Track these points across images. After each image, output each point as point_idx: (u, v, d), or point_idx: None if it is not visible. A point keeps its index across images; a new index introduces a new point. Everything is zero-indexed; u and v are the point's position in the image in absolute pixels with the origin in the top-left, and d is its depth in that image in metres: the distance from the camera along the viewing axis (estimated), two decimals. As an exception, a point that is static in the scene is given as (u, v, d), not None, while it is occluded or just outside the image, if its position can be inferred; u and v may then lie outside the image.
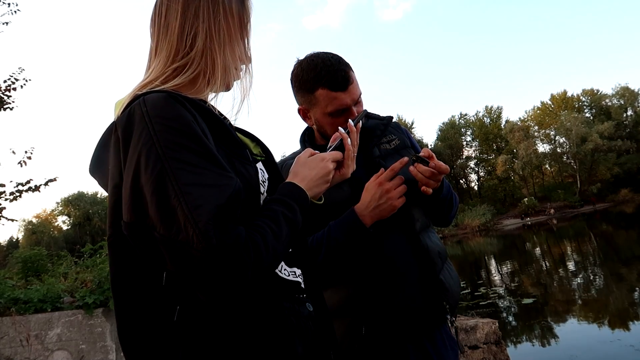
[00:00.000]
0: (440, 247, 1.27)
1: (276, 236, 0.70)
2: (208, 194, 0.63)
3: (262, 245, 0.66)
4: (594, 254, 12.45)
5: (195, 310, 0.68)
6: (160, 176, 0.63)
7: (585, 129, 44.58)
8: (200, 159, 0.66)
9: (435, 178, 1.13)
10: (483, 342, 3.66)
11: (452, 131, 56.03)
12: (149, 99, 0.70)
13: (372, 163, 1.26)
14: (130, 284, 0.71)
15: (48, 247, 22.28)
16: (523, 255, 15.86)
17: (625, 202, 40.29)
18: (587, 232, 20.27)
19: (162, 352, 0.68)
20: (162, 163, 0.64)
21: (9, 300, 4.06)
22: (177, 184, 0.63)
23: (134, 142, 0.67)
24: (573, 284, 8.74)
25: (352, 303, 1.17)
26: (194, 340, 0.67)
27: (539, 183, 53.03)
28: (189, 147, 0.66)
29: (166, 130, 0.67)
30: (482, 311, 7.16)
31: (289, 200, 0.78)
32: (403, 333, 1.17)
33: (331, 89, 1.20)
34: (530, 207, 43.70)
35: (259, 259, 0.65)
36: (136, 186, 0.65)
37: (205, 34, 0.77)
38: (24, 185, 5.96)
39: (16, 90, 6.53)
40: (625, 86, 50.87)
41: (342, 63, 1.23)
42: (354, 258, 1.17)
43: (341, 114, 1.22)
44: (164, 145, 0.65)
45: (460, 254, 21.35)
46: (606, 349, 4.62)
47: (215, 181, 0.66)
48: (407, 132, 1.41)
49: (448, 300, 1.20)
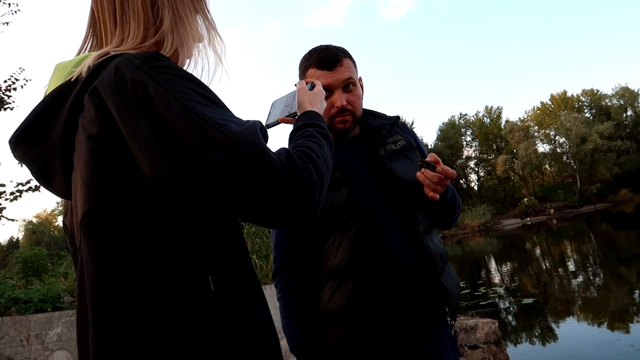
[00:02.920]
0: (442, 250, 1.26)
1: (321, 147, 0.71)
2: (243, 124, 0.60)
3: (312, 154, 0.66)
4: (594, 254, 12.45)
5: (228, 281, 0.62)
6: (187, 117, 0.57)
7: (585, 129, 44.59)
8: (215, 103, 0.63)
9: (442, 183, 1.13)
10: (483, 342, 3.66)
11: (452, 131, 56.02)
12: (137, 55, 0.63)
13: (377, 163, 1.24)
14: (136, 271, 0.57)
15: (48, 247, 22.30)
16: (523, 255, 15.86)
17: (625, 202, 40.28)
18: (587, 232, 20.27)
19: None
20: (183, 104, 0.58)
21: (9, 300, 4.06)
22: (209, 119, 0.57)
23: (136, 95, 0.58)
24: (573, 284, 8.73)
25: (352, 305, 1.14)
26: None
27: (539, 183, 53.03)
28: (201, 92, 0.62)
29: (172, 77, 0.61)
30: (482, 311, 7.16)
31: (315, 121, 0.80)
32: (403, 334, 1.15)
33: (318, 68, 1.22)
34: (530, 207, 43.70)
35: (315, 164, 0.64)
36: (160, 136, 0.57)
37: (170, 5, 0.72)
38: (24, 185, 5.97)
39: (16, 90, 6.54)
40: (625, 86, 50.92)
41: (336, 47, 1.25)
42: (357, 256, 1.16)
43: (327, 95, 1.20)
44: (177, 89, 0.59)
45: (460, 254, 21.33)
46: (606, 348, 4.62)
47: (239, 119, 0.63)
48: (413, 132, 1.40)
49: (448, 303, 1.19)
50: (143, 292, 0.57)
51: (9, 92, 6.49)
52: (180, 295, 0.58)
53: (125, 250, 0.58)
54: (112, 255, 0.58)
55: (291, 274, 1.26)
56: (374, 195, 1.21)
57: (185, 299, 0.58)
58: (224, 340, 0.59)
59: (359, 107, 1.27)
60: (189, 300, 0.58)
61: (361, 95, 1.29)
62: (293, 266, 1.27)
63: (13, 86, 6.51)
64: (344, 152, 1.26)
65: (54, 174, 0.67)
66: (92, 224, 0.59)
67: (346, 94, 1.23)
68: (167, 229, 0.60)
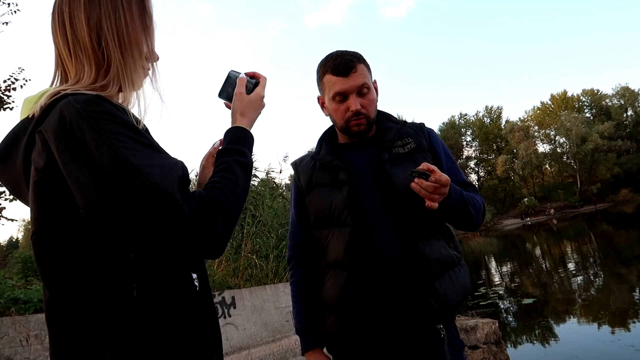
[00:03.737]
0: (444, 255, 1.25)
1: (234, 183, 0.80)
2: (165, 171, 0.70)
3: (222, 197, 0.75)
4: (594, 254, 12.45)
5: (154, 290, 0.72)
6: (117, 164, 0.67)
7: (585, 129, 44.62)
8: (145, 146, 0.71)
9: (438, 192, 1.11)
10: (483, 342, 3.66)
11: (452, 131, 56.07)
12: (79, 98, 0.71)
13: (378, 167, 1.28)
14: (76, 278, 0.69)
15: (48, 247, 22.25)
16: (523, 256, 15.86)
17: (625, 202, 40.29)
18: (587, 232, 20.27)
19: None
20: (114, 151, 0.67)
21: (9, 300, 4.06)
22: (134, 167, 0.67)
23: (74, 139, 0.68)
24: (573, 284, 8.73)
25: (344, 297, 1.23)
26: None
27: (539, 183, 53.04)
28: (132, 136, 0.70)
29: (108, 122, 0.69)
30: (482, 311, 7.16)
31: (238, 146, 0.88)
32: (393, 335, 1.20)
33: (333, 74, 1.29)
34: (530, 207, 43.74)
35: (223, 210, 0.74)
36: (93, 176, 0.68)
37: (115, 42, 0.78)
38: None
39: (16, 90, 6.55)
40: (625, 86, 50.98)
41: (351, 53, 1.31)
42: (351, 252, 1.24)
43: (343, 99, 1.29)
44: (110, 136, 0.68)
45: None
46: (606, 348, 4.62)
47: (165, 161, 0.72)
48: (431, 134, 1.39)
49: (440, 307, 1.19)
50: (75, 300, 0.69)
51: (8, 92, 6.50)
52: (106, 298, 0.69)
53: (61, 265, 0.70)
54: (51, 269, 0.71)
55: (301, 263, 1.40)
56: (373, 196, 1.27)
57: (110, 302, 0.69)
58: (148, 339, 0.70)
59: (373, 111, 1.32)
60: (114, 304, 0.69)
61: (375, 99, 1.34)
62: (303, 256, 1.40)
63: (13, 86, 6.52)
64: (353, 153, 1.35)
65: (23, 194, 0.79)
66: (38, 242, 0.72)
67: (360, 99, 1.29)
68: (99, 249, 0.71)
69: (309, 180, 1.36)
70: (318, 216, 1.32)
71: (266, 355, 4.46)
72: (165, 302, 0.73)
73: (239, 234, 7.05)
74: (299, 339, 1.36)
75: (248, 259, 6.68)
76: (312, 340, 1.31)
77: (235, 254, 6.85)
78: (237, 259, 6.75)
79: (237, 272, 6.50)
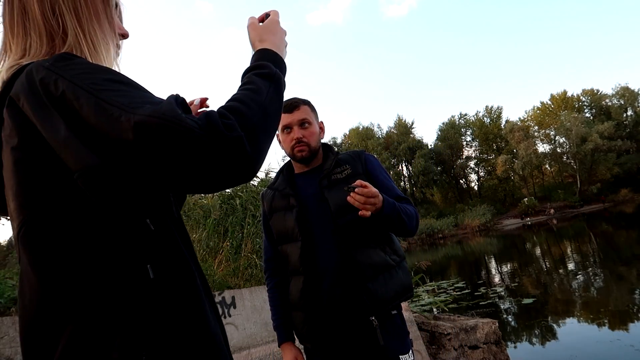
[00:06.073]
0: (376, 261, 1.50)
1: (255, 92, 0.67)
2: (157, 104, 0.58)
3: (237, 105, 0.62)
4: (594, 254, 12.45)
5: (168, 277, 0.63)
6: (99, 107, 0.56)
7: (585, 129, 44.58)
8: (130, 86, 0.61)
9: (369, 202, 1.37)
10: (483, 342, 3.66)
11: (452, 131, 56.01)
12: (46, 60, 0.63)
13: (318, 192, 1.58)
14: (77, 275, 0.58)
15: (48, 247, 22.26)
16: (523, 255, 15.86)
17: (625, 202, 40.29)
18: (587, 232, 20.27)
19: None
20: (95, 96, 0.57)
21: (9, 300, 4.07)
22: (123, 105, 0.56)
23: (48, 95, 0.59)
24: (573, 284, 8.73)
25: (303, 297, 1.53)
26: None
27: (539, 183, 53.04)
28: (114, 79, 0.61)
29: (83, 72, 0.60)
30: (482, 311, 7.16)
31: (259, 62, 0.75)
32: (340, 323, 1.49)
33: (283, 112, 1.59)
34: (530, 207, 43.71)
35: (241, 116, 0.61)
36: (79, 131, 0.57)
37: (69, 7, 0.71)
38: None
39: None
40: (625, 86, 50.90)
41: (299, 99, 1.64)
42: (303, 261, 1.54)
43: (289, 131, 1.63)
44: (88, 82, 0.58)
45: (460, 254, 21.34)
46: (606, 348, 4.62)
47: (155, 98, 0.61)
48: (368, 160, 1.66)
49: (372, 303, 1.46)
50: (86, 294, 0.58)
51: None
52: (120, 287, 0.60)
53: (65, 256, 0.59)
54: (53, 263, 0.59)
55: (273, 274, 1.70)
56: (317, 216, 1.57)
57: (125, 292, 0.60)
58: (167, 331, 0.61)
59: (313, 141, 1.63)
60: (129, 293, 0.60)
61: (316, 132, 1.64)
62: (274, 269, 1.70)
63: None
64: (304, 181, 1.66)
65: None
66: (29, 234, 0.60)
67: (302, 130, 1.61)
68: (107, 222, 0.60)
69: (270, 207, 1.68)
70: (279, 234, 1.63)
71: (266, 355, 4.47)
72: (183, 285, 0.64)
73: (239, 234, 7.05)
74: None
75: (248, 259, 6.67)
76: (284, 336, 1.62)
77: (235, 254, 6.85)
78: (237, 259, 6.75)
79: (237, 272, 6.51)
